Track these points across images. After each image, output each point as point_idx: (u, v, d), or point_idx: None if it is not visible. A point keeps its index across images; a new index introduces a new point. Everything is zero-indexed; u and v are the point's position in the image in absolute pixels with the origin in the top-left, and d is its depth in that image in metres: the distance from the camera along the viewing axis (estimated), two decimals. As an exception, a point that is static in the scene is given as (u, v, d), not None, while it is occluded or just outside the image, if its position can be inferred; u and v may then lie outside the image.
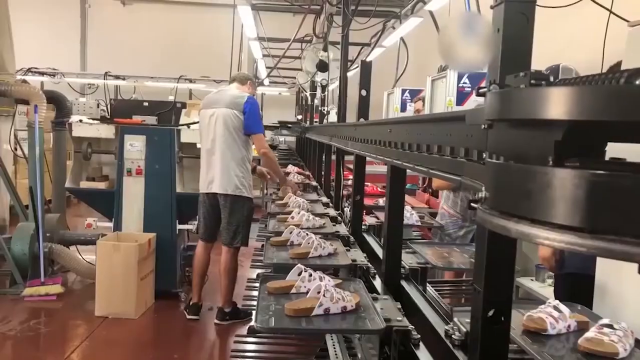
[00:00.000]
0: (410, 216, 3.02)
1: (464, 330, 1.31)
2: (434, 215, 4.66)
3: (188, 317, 4.24)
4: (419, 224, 3.16)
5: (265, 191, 9.64)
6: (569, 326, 1.41)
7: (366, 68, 3.30)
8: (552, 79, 1.01)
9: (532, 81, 1.02)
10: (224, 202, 4.14)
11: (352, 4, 4.10)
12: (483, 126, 1.15)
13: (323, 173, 5.32)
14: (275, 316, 1.71)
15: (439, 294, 2.08)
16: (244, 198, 4.19)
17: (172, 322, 4.22)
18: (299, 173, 5.96)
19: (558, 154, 0.71)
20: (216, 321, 4.21)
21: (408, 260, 2.20)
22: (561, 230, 0.57)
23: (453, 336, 1.33)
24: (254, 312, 1.73)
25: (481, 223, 0.73)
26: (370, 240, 2.88)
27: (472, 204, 1.26)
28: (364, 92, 3.30)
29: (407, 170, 2.12)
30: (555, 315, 1.39)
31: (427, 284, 2.11)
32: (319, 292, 1.79)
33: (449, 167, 1.29)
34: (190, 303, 4.31)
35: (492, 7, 1.21)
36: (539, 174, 0.60)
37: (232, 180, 4.10)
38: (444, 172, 1.35)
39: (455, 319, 1.38)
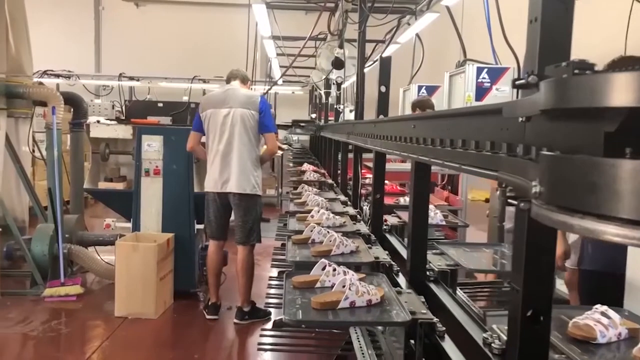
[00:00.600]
0: (435, 215, 2.96)
1: (504, 338, 1.25)
2: (454, 212, 4.62)
3: (207, 317, 4.23)
4: (444, 223, 3.08)
5: (280, 190, 9.65)
6: (619, 334, 1.31)
7: (385, 64, 3.25)
8: (596, 68, 0.97)
9: (576, 71, 0.99)
10: (239, 201, 4.13)
11: (368, 0, 4.06)
12: (520, 119, 1.12)
13: (339, 171, 5.29)
14: (302, 309, 1.73)
15: (468, 296, 2.04)
16: (257, 196, 4.25)
17: (191, 322, 4.21)
18: (314, 171, 5.94)
19: (611, 145, 0.67)
20: (235, 320, 4.20)
21: (436, 262, 2.13)
22: (633, 226, 0.53)
23: (492, 344, 1.28)
24: (274, 308, 1.73)
25: (536, 218, 0.69)
26: (393, 240, 2.82)
27: (510, 200, 1.24)
28: (383, 89, 3.25)
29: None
30: (604, 322, 1.30)
31: (457, 287, 2.06)
32: (344, 286, 1.81)
33: (484, 162, 1.25)
34: (209, 303, 4.30)
35: (528, -4, 1.17)
36: (609, 166, 0.56)
37: (250, 180, 4.13)
38: (477, 168, 1.31)
39: (493, 326, 1.32)
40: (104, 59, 17.09)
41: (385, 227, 2.85)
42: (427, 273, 2.07)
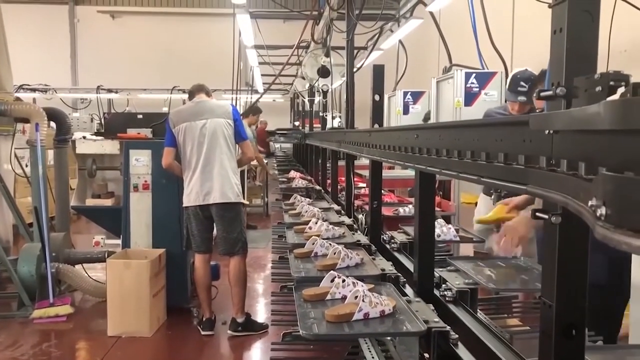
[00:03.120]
0: (448, 231, 2.90)
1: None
2: (447, 218, 4.60)
3: (203, 333, 4.15)
4: (457, 239, 3.00)
5: (266, 199, 9.58)
6: None
7: (378, 72, 3.23)
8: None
9: (612, 83, 0.97)
10: (222, 212, 4.09)
11: (356, 8, 4.06)
12: (547, 132, 1.10)
13: (329, 180, 5.26)
14: (316, 323, 1.72)
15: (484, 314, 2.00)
16: (240, 204, 4.24)
17: (187, 338, 4.13)
18: (302, 178, 5.96)
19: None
20: (229, 332, 4.13)
21: (454, 281, 2.10)
22: None
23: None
24: (276, 325, 1.68)
25: (604, 241, 0.66)
26: (402, 258, 2.76)
27: (537, 214, 1.22)
28: (377, 97, 3.24)
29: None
30: None
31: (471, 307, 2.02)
32: (356, 297, 1.80)
33: (510, 175, 1.23)
34: (203, 319, 4.22)
35: (551, 7, 1.16)
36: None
37: (233, 188, 4.13)
38: (500, 181, 1.29)
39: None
40: (80, 71, 16.90)
41: (393, 244, 2.78)
42: (445, 293, 2.03)
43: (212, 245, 4.30)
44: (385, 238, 2.97)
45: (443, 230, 2.84)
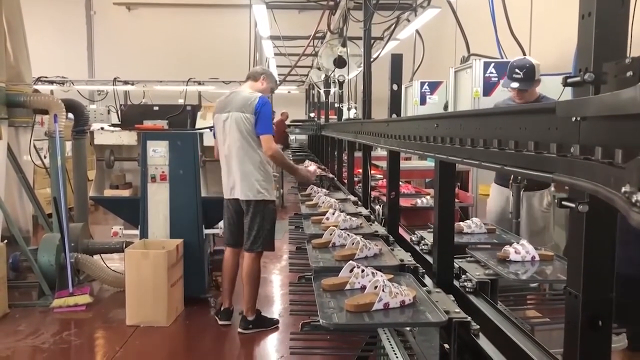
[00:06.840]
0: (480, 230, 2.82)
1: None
2: (465, 209, 4.58)
3: (220, 322, 4.18)
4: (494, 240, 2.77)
5: (281, 191, 9.59)
6: None
7: (396, 62, 3.21)
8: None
9: (643, 68, 0.95)
10: (247, 207, 4.04)
11: (373, -2, 4.02)
12: (574, 118, 1.08)
13: (346, 171, 5.25)
14: (336, 312, 1.71)
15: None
16: (266, 201, 4.06)
17: (204, 328, 4.16)
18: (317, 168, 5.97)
19: None
20: (239, 330, 4.08)
21: (474, 271, 2.07)
22: None
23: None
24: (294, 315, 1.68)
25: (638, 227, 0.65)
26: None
27: (564, 202, 1.20)
28: (395, 87, 3.21)
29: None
30: None
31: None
32: (376, 287, 1.80)
33: (535, 163, 1.20)
34: (222, 309, 4.24)
35: (580, -10, 1.13)
36: None
37: (254, 185, 3.99)
38: (524, 169, 1.27)
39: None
40: (97, 63, 17.02)
41: (423, 246, 2.71)
42: (465, 284, 2.01)
43: (240, 240, 4.15)
44: (413, 239, 2.88)
45: (472, 228, 2.78)
